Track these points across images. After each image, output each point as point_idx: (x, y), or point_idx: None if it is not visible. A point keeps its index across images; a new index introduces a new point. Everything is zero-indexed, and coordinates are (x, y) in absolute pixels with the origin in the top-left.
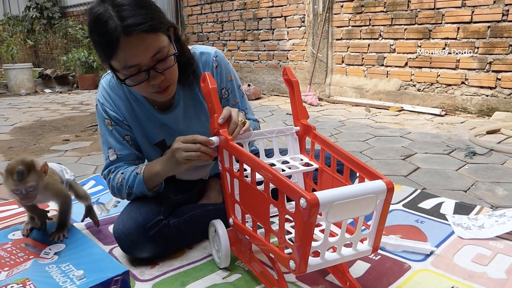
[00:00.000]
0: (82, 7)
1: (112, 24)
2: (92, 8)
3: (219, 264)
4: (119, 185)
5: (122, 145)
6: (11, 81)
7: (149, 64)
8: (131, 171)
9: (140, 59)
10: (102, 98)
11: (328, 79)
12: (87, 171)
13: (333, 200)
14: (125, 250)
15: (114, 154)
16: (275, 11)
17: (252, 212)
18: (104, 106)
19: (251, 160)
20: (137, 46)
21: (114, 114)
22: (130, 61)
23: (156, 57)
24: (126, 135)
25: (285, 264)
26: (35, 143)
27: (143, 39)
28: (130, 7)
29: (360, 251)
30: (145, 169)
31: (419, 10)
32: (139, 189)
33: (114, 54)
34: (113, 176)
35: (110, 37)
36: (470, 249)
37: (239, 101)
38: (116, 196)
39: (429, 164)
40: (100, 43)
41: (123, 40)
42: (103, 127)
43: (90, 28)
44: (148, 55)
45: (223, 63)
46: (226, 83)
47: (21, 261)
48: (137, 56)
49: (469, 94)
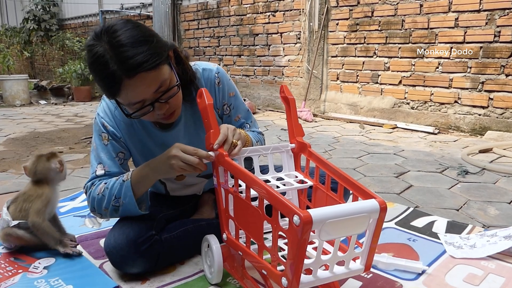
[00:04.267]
0: (79, 20)
1: (113, 67)
2: (90, 47)
3: (210, 280)
4: (101, 195)
5: (113, 162)
6: (6, 92)
7: (153, 97)
8: (116, 180)
9: (143, 96)
10: (103, 112)
11: (323, 96)
12: (79, 183)
13: (326, 218)
14: (116, 265)
15: (102, 170)
16: (271, 28)
17: (246, 228)
18: (103, 120)
19: (246, 176)
20: (140, 85)
21: (113, 130)
22: (134, 99)
23: (159, 90)
24: (120, 153)
25: (277, 281)
26: (28, 155)
27: (144, 78)
28: (129, 46)
29: (352, 270)
30: (132, 175)
31: (413, 30)
32: (127, 197)
33: (117, 94)
34: (95, 188)
35: (112, 80)
36: (461, 268)
37: (242, 116)
38: (94, 213)
39: (422, 182)
40: (103, 83)
41: (125, 82)
42: (97, 141)
43: (90, 66)
44: (151, 90)
45: (225, 79)
46: (228, 99)
47: (9, 275)
48: (140, 94)
49: (462, 113)
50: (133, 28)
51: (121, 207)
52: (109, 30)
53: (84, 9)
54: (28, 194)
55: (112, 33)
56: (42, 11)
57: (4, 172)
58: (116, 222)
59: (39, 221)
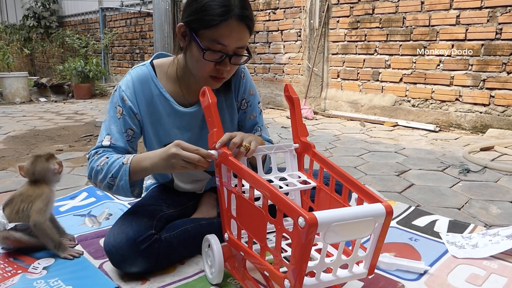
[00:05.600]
0: (79, 17)
1: (234, 3)
2: None
3: (211, 280)
4: (99, 168)
5: (121, 136)
6: (6, 90)
7: (231, 51)
8: (117, 158)
9: (231, 43)
10: (125, 85)
11: (323, 93)
12: (79, 182)
13: (331, 221)
14: (116, 264)
15: (109, 141)
16: (272, 25)
17: (248, 228)
18: (123, 94)
19: (249, 176)
20: (237, 32)
21: (130, 105)
22: (223, 40)
23: (239, 50)
24: (129, 129)
25: (279, 283)
26: (28, 153)
27: (243, 31)
28: (248, 4)
29: (355, 274)
30: (132, 161)
31: (414, 27)
32: (122, 181)
33: (217, 26)
34: (97, 158)
35: (225, 12)
36: (464, 268)
37: (257, 116)
38: (90, 181)
39: (423, 180)
40: (211, 10)
41: (229, 21)
42: (111, 112)
43: None
44: (237, 44)
45: (248, 76)
46: (248, 95)
47: (8, 275)
48: (231, 39)
49: (463, 111)
50: None
51: (115, 187)
52: None
53: (84, 6)
54: (26, 194)
55: None
56: (42, 8)
57: (4, 171)
58: (116, 221)
59: (41, 220)
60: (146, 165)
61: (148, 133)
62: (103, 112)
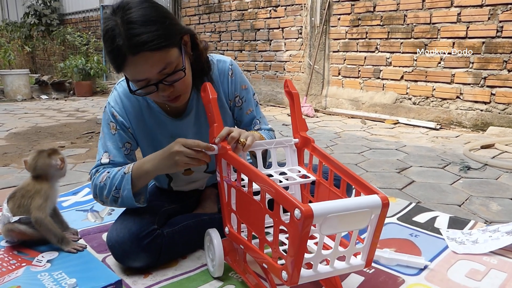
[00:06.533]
0: (80, 15)
1: (119, 42)
2: (105, 20)
3: (213, 273)
4: (102, 184)
5: (118, 152)
6: (7, 87)
7: (158, 78)
8: (118, 171)
9: (146, 75)
10: (113, 101)
11: (324, 91)
12: (81, 178)
13: (327, 212)
14: (118, 259)
15: (107, 158)
16: (273, 23)
17: (248, 222)
18: (113, 109)
19: (248, 170)
20: (143, 64)
21: (122, 120)
22: (137, 77)
23: (164, 71)
24: (127, 143)
25: (277, 274)
26: (30, 149)
27: (148, 57)
28: (139, 24)
29: (353, 265)
30: (133, 168)
31: (415, 25)
32: (125, 190)
33: (122, 69)
34: (99, 175)
35: (117, 54)
36: (464, 264)
37: (253, 110)
38: (96, 199)
39: (424, 177)
40: (109, 56)
41: (129, 59)
42: (105, 129)
43: (102, 39)
44: (154, 71)
45: (238, 72)
46: (241, 91)
47: (13, 268)
48: (143, 72)
49: (464, 109)
50: (148, 8)
51: (120, 199)
52: (124, 6)
53: (84, 4)
54: (26, 189)
55: (126, 10)
56: (43, 6)
57: (6, 167)
58: (118, 216)
59: (42, 216)
60: (148, 168)
61: (142, 145)
62: None
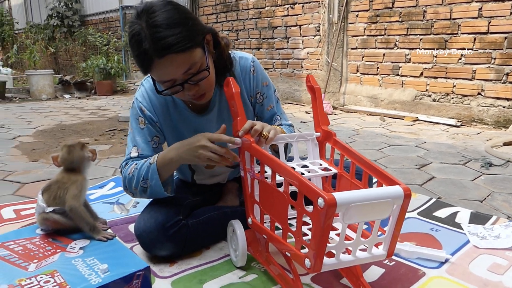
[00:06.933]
0: (101, 16)
1: (146, 46)
2: (131, 24)
3: (236, 263)
4: (131, 175)
5: (147, 146)
6: (33, 87)
7: (183, 78)
8: (144, 162)
9: (173, 76)
10: (141, 97)
11: (342, 88)
12: (106, 173)
13: (350, 201)
14: (145, 247)
15: (136, 152)
16: (290, 20)
17: (271, 212)
18: (141, 104)
19: (272, 162)
20: (169, 66)
21: (150, 114)
22: (164, 78)
23: (189, 72)
24: (155, 136)
25: (300, 262)
26: (57, 146)
27: (174, 59)
28: (164, 28)
29: (375, 255)
30: (158, 158)
31: (435, 20)
32: (153, 180)
33: (149, 71)
34: (127, 167)
35: (144, 58)
36: (485, 258)
37: (274, 106)
38: (127, 191)
39: (445, 174)
40: (137, 59)
41: (155, 61)
42: (134, 124)
43: (129, 42)
44: (180, 71)
45: (259, 69)
46: (262, 88)
47: (49, 254)
48: (169, 74)
49: (485, 105)
50: (171, 10)
51: (149, 189)
52: (148, 10)
53: (104, 5)
54: (62, 182)
55: (150, 13)
56: (65, 7)
57: (35, 162)
58: (145, 207)
59: (76, 205)
60: (172, 156)
61: (168, 139)
62: (125, 107)
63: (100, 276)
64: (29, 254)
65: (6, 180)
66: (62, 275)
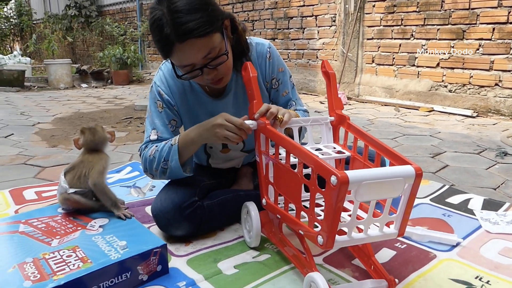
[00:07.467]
0: (117, 6)
1: (167, 31)
2: (152, 9)
3: (249, 243)
4: (152, 157)
5: (166, 129)
6: (51, 76)
7: (202, 62)
8: (165, 143)
9: (193, 60)
10: (159, 81)
11: (357, 79)
12: (123, 158)
13: (362, 179)
14: (162, 227)
15: (156, 135)
16: (306, 10)
17: (285, 192)
18: (159, 88)
19: (286, 143)
20: (189, 50)
21: (168, 98)
22: (184, 62)
23: (208, 56)
24: (173, 120)
25: (313, 239)
26: (75, 132)
27: (194, 44)
28: (185, 13)
29: (386, 233)
30: (180, 139)
31: (453, 10)
32: (173, 161)
33: (170, 55)
34: (148, 150)
35: (165, 43)
36: (497, 242)
37: (289, 92)
38: (147, 173)
39: (458, 162)
40: (158, 44)
41: (176, 46)
42: (152, 107)
43: (150, 28)
44: (200, 56)
45: (275, 55)
46: (278, 74)
47: (70, 231)
48: (189, 58)
49: (502, 96)
50: None
51: (168, 169)
52: None
53: None
54: (87, 161)
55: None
56: None
57: (55, 147)
58: (162, 188)
59: (101, 180)
60: (193, 136)
61: (185, 122)
62: (141, 97)
63: (119, 252)
64: (51, 231)
65: (27, 164)
66: (84, 251)
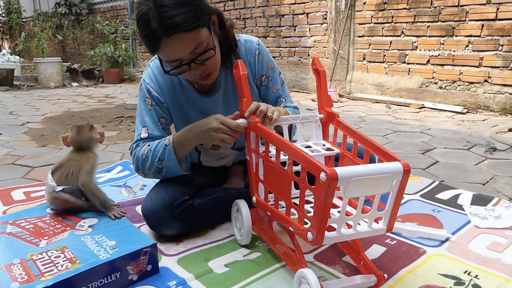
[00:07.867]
0: (108, 4)
1: (153, 26)
2: (139, 4)
3: (240, 241)
4: (144, 156)
5: (156, 126)
6: (41, 74)
7: (190, 57)
8: (158, 143)
9: (180, 55)
10: (148, 78)
11: (349, 76)
12: (114, 157)
13: (351, 175)
14: (152, 227)
15: (146, 133)
16: (298, 8)
17: (275, 190)
18: (148, 86)
19: (276, 140)
20: (176, 45)
21: (157, 95)
22: (172, 57)
23: (196, 51)
24: (162, 117)
25: (303, 236)
26: (65, 132)
27: (181, 38)
28: (171, 7)
29: (375, 229)
30: (174, 139)
31: (442, 7)
32: (170, 160)
33: (157, 50)
34: (140, 149)
35: (152, 37)
36: (485, 237)
37: (279, 89)
38: (138, 172)
39: (448, 158)
40: (145, 39)
41: (163, 41)
42: (142, 105)
43: (136, 23)
44: (187, 51)
45: (265, 52)
46: (267, 70)
47: (59, 231)
48: (177, 53)
49: (492, 92)
50: None
51: (164, 169)
52: None
53: None
54: (74, 159)
55: None
56: None
57: (44, 147)
58: (152, 188)
59: (89, 180)
60: (189, 136)
61: (175, 120)
62: (132, 95)
63: (108, 252)
64: (39, 231)
65: (16, 164)
66: (72, 251)
